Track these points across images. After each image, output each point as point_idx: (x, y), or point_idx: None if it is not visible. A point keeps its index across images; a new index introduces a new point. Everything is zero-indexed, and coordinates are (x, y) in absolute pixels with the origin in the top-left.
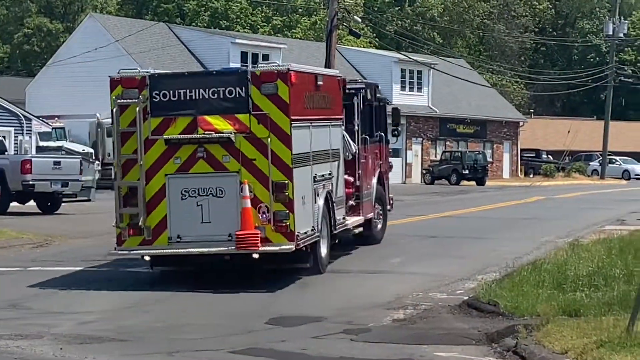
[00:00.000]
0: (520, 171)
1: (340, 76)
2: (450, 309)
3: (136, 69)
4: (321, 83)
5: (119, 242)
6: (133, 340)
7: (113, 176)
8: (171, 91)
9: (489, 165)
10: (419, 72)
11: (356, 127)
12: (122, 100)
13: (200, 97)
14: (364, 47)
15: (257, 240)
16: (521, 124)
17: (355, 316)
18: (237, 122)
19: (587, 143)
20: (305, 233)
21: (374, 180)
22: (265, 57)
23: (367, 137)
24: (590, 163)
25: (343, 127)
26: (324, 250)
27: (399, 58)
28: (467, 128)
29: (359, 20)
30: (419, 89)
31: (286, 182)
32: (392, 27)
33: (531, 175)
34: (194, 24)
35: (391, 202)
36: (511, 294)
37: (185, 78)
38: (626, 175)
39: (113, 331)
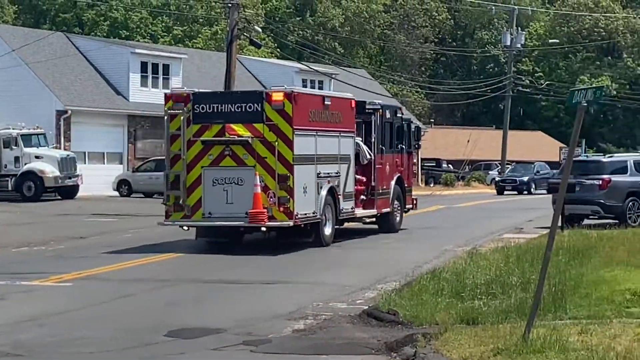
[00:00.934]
0: (421, 180)
1: (352, 98)
2: (351, 318)
3: (183, 87)
4: (329, 103)
5: (167, 216)
6: (26, 356)
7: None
8: (207, 105)
9: None
10: (320, 82)
11: (373, 139)
12: (172, 111)
13: (228, 110)
14: (265, 57)
15: (264, 217)
16: (422, 133)
17: (255, 327)
18: (254, 129)
19: (487, 152)
20: (306, 215)
21: (392, 182)
22: (166, 68)
23: (383, 147)
24: (490, 172)
25: (358, 138)
26: (327, 230)
27: (300, 68)
28: None
29: (260, 30)
30: None
31: (288, 175)
32: (294, 37)
33: (432, 185)
34: (93, 33)
35: (415, 202)
36: (410, 303)
37: (217, 96)
38: None
39: (8, 345)
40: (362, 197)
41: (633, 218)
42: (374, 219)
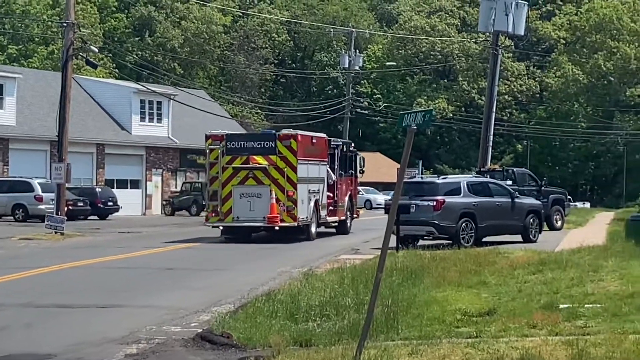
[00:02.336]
0: None
1: (325, 137)
2: (184, 342)
3: (219, 130)
4: (315, 141)
5: (207, 219)
6: None
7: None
8: (236, 142)
9: None
10: (159, 103)
11: (335, 166)
12: (211, 146)
13: (251, 146)
14: (103, 77)
15: (278, 220)
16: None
17: (86, 352)
18: (269, 159)
19: None
20: (304, 219)
21: (346, 198)
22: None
23: (342, 172)
24: None
25: (328, 166)
26: (313, 229)
27: (138, 89)
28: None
29: (96, 50)
30: (159, 120)
31: (293, 191)
32: (132, 58)
33: None
34: None
35: (358, 212)
36: (245, 326)
37: (243, 135)
38: (368, 204)
39: None
40: (330, 207)
41: (466, 238)
42: (336, 224)
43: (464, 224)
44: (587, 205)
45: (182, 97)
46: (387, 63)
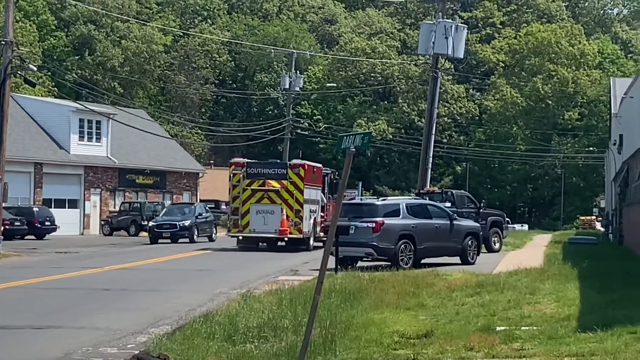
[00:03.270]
0: None
1: (321, 167)
2: None
3: (242, 158)
4: (315, 170)
5: (229, 230)
6: None
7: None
8: (255, 169)
9: None
10: (98, 122)
11: (326, 191)
12: (234, 171)
13: (267, 172)
14: (42, 96)
15: (287, 232)
16: (201, 174)
17: None
18: (282, 184)
19: None
20: (307, 232)
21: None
22: None
23: (330, 196)
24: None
25: (321, 190)
26: (311, 242)
27: (77, 107)
28: (146, 179)
29: (35, 69)
30: (98, 139)
31: (300, 209)
32: (72, 77)
33: None
34: None
35: None
36: (182, 347)
37: (261, 164)
38: None
39: None
40: (322, 225)
41: (405, 260)
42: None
43: (402, 246)
44: (525, 227)
45: (122, 117)
46: (328, 84)
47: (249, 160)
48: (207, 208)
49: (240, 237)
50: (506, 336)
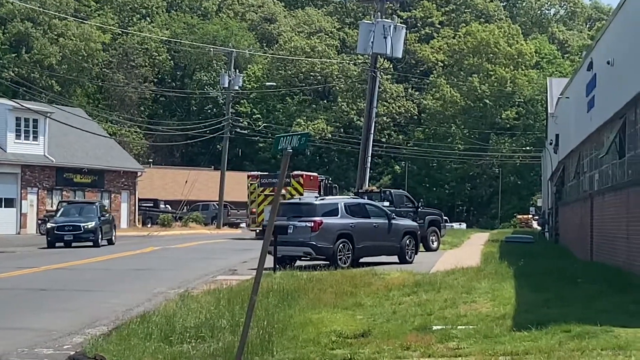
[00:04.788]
0: (138, 221)
1: (317, 175)
2: None
3: (257, 172)
4: (312, 178)
5: (248, 226)
6: None
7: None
8: (266, 179)
9: None
10: (35, 121)
11: (321, 193)
12: (251, 182)
13: (275, 181)
14: None
15: None
16: (139, 173)
17: None
18: (286, 190)
19: (205, 193)
20: None
21: None
22: None
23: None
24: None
25: (317, 193)
26: None
27: (13, 106)
28: (84, 178)
29: None
30: (35, 138)
31: None
32: (8, 74)
33: (149, 225)
34: None
35: None
36: (118, 348)
37: (270, 175)
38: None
39: None
40: None
41: (343, 259)
42: None
43: (341, 245)
44: (463, 226)
45: (59, 115)
46: (267, 83)
47: (261, 173)
48: (106, 207)
49: (258, 230)
50: (442, 335)
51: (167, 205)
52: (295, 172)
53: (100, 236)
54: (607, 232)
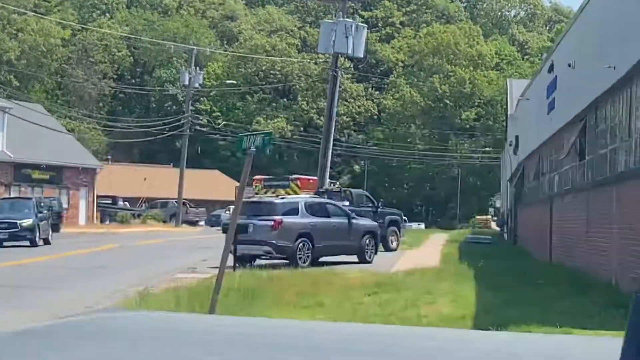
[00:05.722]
0: (97, 218)
1: (316, 178)
2: None
3: (262, 176)
4: (311, 180)
5: None
6: None
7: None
8: (269, 182)
9: (64, 212)
10: None
11: (325, 196)
12: (256, 184)
13: (276, 184)
14: None
15: None
16: (98, 170)
17: None
18: (286, 191)
19: (164, 190)
20: None
21: None
22: None
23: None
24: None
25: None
26: None
27: None
28: (43, 174)
29: None
30: None
31: None
32: None
33: (107, 222)
34: None
35: None
36: None
37: (272, 179)
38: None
39: None
40: None
41: (303, 258)
42: None
43: (301, 244)
44: (422, 226)
45: (18, 111)
46: (227, 81)
47: (265, 177)
48: (52, 201)
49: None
50: None
51: (125, 203)
52: (294, 176)
53: (38, 235)
54: (567, 234)
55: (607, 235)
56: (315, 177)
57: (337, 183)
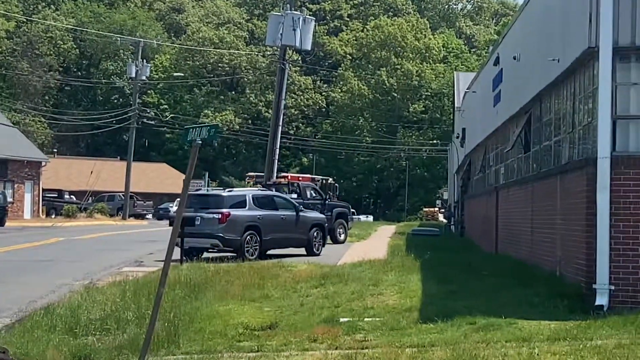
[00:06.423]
0: (42, 211)
1: (309, 176)
2: None
3: (254, 173)
4: (301, 179)
5: None
6: None
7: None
8: (260, 179)
9: (9, 206)
10: None
11: (318, 190)
12: (249, 180)
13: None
14: None
15: None
16: (44, 163)
17: None
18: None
19: (111, 183)
20: None
21: None
22: None
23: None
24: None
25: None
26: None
27: None
28: None
29: None
30: None
31: None
32: None
33: (53, 216)
34: None
35: None
36: (22, 340)
37: (263, 175)
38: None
39: None
40: None
41: (251, 251)
42: None
43: (248, 237)
44: (370, 218)
45: None
46: (175, 74)
47: (257, 174)
48: None
49: None
50: (349, 327)
51: (72, 196)
52: (283, 174)
53: None
54: (512, 226)
55: (551, 227)
56: (307, 176)
57: (330, 179)
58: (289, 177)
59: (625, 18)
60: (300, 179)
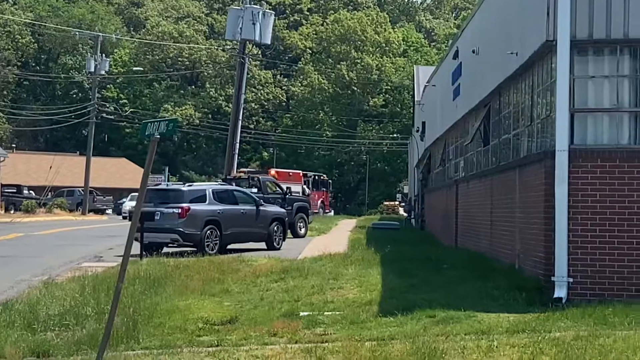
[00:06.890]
0: (1, 207)
1: (299, 172)
2: None
3: (246, 169)
4: (291, 174)
5: None
6: None
7: None
8: (253, 174)
9: None
10: None
11: (310, 186)
12: (241, 175)
13: (261, 178)
14: None
15: None
16: (2, 159)
17: None
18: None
19: (70, 178)
20: None
21: (319, 204)
22: None
23: (314, 189)
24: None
25: (303, 185)
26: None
27: None
28: None
29: None
30: None
31: None
32: None
33: (12, 211)
34: None
35: (329, 209)
36: None
37: (254, 171)
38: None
39: None
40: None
41: (211, 246)
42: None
43: (208, 232)
44: (331, 212)
45: None
46: (134, 68)
47: (249, 170)
48: None
49: None
50: (309, 321)
51: (31, 191)
52: (273, 170)
53: None
54: (472, 219)
55: (510, 220)
56: (297, 171)
57: (323, 175)
58: (276, 173)
59: (582, 11)
60: (290, 174)
